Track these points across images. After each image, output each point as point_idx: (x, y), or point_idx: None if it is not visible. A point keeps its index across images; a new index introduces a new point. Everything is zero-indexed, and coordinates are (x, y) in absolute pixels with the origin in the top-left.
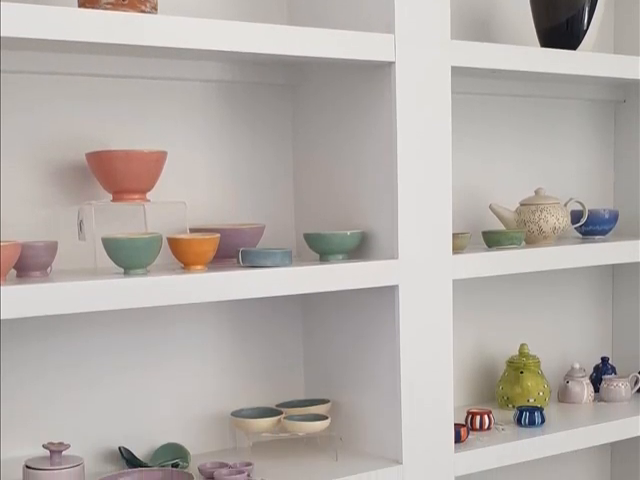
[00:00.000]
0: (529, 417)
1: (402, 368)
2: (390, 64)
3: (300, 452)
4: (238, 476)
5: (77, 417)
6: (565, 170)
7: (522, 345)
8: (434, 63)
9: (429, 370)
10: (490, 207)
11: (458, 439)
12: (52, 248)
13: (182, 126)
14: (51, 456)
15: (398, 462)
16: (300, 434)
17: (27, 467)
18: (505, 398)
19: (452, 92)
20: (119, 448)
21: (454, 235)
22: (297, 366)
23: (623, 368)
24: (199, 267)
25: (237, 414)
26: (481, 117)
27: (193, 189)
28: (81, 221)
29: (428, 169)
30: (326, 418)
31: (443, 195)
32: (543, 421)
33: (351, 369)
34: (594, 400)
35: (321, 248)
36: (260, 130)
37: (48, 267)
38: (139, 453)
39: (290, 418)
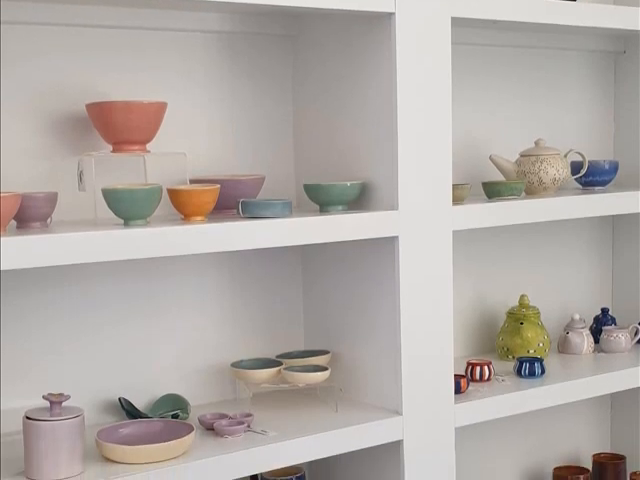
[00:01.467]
0: (529, 368)
1: (402, 319)
2: (390, 15)
3: (300, 403)
4: (238, 427)
5: (77, 368)
6: (565, 121)
7: (522, 296)
8: (434, 14)
9: (429, 321)
10: (490, 158)
11: (458, 390)
12: (52, 199)
13: (182, 77)
14: (51, 407)
15: (398, 413)
16: (300, 385)
17: (27, 418)
18: (505, 349)
19: (452, 43)
20: (119, 399)
21: (454, 186)
22: (297, 317)
23: (623, 319)
24: (199, 218)
25: (237, 365)
26: (481, 68)
27: (193, 140)
28: (81, 172)
29: (428, 120)
30: (326, 369)
31: (443, 146)
32: (543, 372)
33: (351, 320)
34: (594, 351)
35: (321, 199)
36: (260, 81)
37: (48, 218)
38: (139, 404)
39: (290, 369)
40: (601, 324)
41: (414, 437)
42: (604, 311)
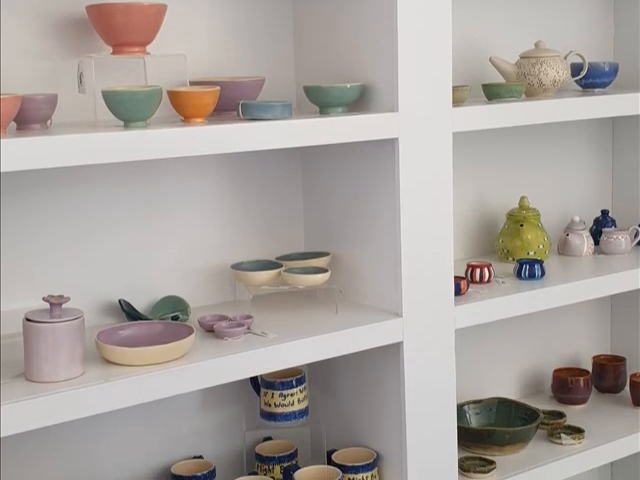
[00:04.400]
0: (529, 270)
1: (402, 221)
2: None
3: (300, 305)
4: (238, 329)
5: (77, 270)
6: (565, 23)
7: (522, 198)
8: None
9: (429, 223)
10: (490, 60)
11: (458, 292)
12: (52, 101)
13: None
14: (51, 309)
15: (398, 315)
16: (300, 287)
17: (27, 320)
18: (505, 251)
19: None
20: (119, 301)
21: (454, 88)
22: (297, 219)
23: (623, 221)
24: (199, 120)
25: (237, 267)
26: None
27: (193, 42)
28: (81, 74)
29: (428, 21)
30: (326, 271)
31: (443, 48)
32: (543, 274)
33: (351, 222)
34: (594, 253)
35: (321, 101)
36: None
37: (48, 120)
38: (139, 306)
39: (290, 271)
40: (601, 226)
41: (414, 339)
42: (604, 213)
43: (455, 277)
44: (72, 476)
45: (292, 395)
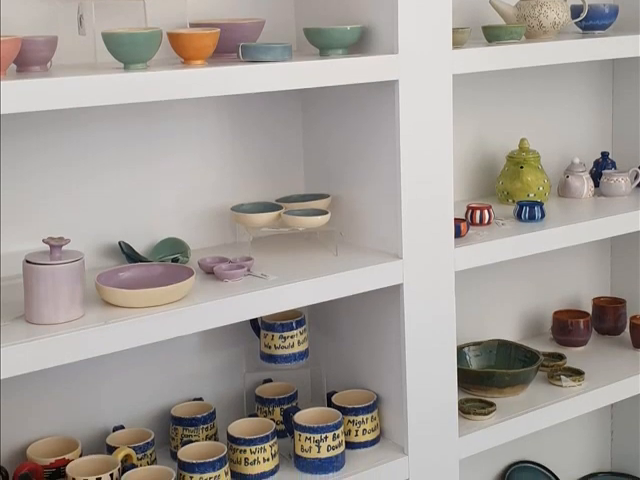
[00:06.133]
0: (529, 212)
1: (402, 163)
2: None
3: (300, 247)
4: (238, 271)
5: (77, 212)
6: None
7: (522, 140)
8: None
9: (429, 165)
10: (490, 2)
11: (458, 234)
12: (52, 43)
13: None
14: (51, 251)
15: (398, 257)
16: (300, 229)
17: (27, 262)
18: (505, 193)
19: None
20: (119, 243)
21: (454, 30)
22: (297, 161)
23: (623, 163)
24: (199, 62)
25: (237, 209)
26: None
27: None
28: (81, 16)
29: None
30: (326, 213)
31: None
32: (543, 216)
33: (351, 164)
34: (594, 195)
35: (321, 43)
36: None
37: (48, 62)
38: (139, 248)
39: (290, 213)
40: (601, 168)
41: (414, 281)
42: (604, 155)
43: (455, 219)
44: (72, 418)
45: (292, 337)
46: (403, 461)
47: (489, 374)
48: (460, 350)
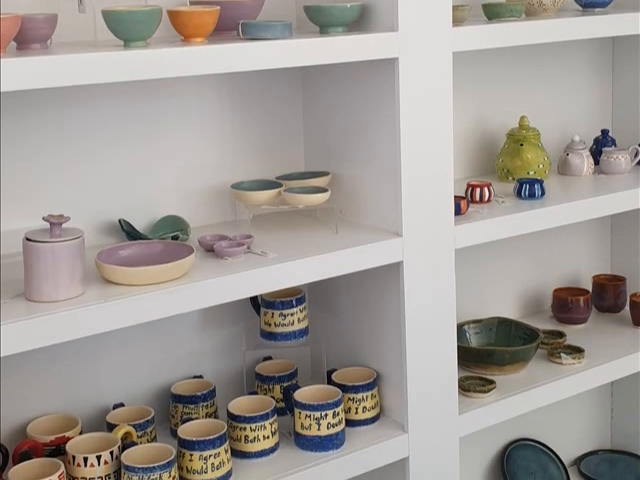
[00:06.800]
0: (529, 189)
1: (402, 140)
2: None
3: (300, 225)
4: (238, 248)
5: (77, 189)
6: None
7: (522, 117)
8: None
9: (429, 143)
10: None
11: (458, 211)
12: (52, 20)
13: None
14: (51, 228)
15: (398, 234)
16: (300, 206)
17: (27, 239)
18: (505, 171)
19: None
20: (119, 220)
21: (454, 7)
22: (297, 139)
23: (623, 140)
24: (199, 39)
25: (237, 186)
26: None
27: None
28: None
29: None
30: (326, 190)
31: None
32: (543, 193)
33: (351, 142)
34: (594, 172)
35: (321, 20)
36: None
37: (48, 40)
38: (139, 225)
39: (290, 190)
40: (601, 145)
41: (414, 258)
42: (604, 132)
43: (455, 197)
44: (72, 396)
45: (292, 315)
46: (403, 439)
47: (489, 352)
48: (460, 328)
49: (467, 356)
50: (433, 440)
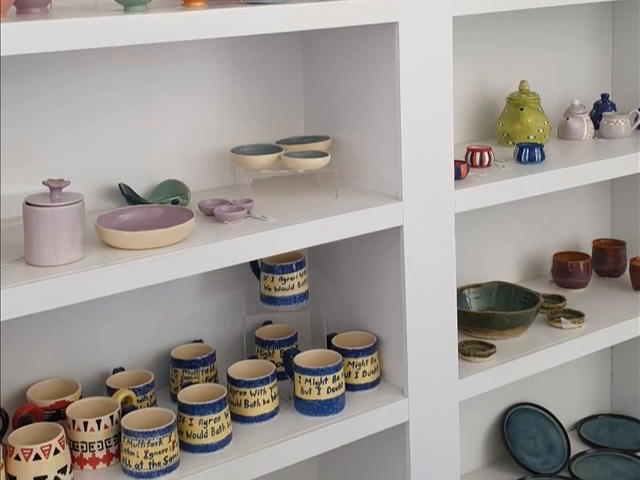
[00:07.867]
0: (529, 154)
1: (402, 105)
2: None
3: (300, 189)
4: (238, 212)
5: (77, 154)
6: None
7: (522, 82)
8: None
9: (429, 107)
10: None
11: (458, 176)
12: None
13: None
14: (51, 193)
15: (398, 199)
16: (300, 171)
17: (27, 204)
18: (505, 135)
19: None
20: (119, 185)
21: None
22: (297, 103)
23: (623, 105)
24: (199, 4)
25: (237, 151)
26: None
27: None
28: None
29: None
30: (326, 155)
31: None
32: (543, 158)
33: (351, 106)
34: (594, 137)
35: None
36: None
37: (48, 4)
38: (139, 190)
39: (290, 155)
40: (601, 110)
41: (414, 223)
42: (604, 97)
43: (455, 161)
44: (72, 360)
45: (292, 279)
46: (403, 403)
47: (489, 316)
48: (460, 292)
49: (467, 320)
50: (433, 404)
